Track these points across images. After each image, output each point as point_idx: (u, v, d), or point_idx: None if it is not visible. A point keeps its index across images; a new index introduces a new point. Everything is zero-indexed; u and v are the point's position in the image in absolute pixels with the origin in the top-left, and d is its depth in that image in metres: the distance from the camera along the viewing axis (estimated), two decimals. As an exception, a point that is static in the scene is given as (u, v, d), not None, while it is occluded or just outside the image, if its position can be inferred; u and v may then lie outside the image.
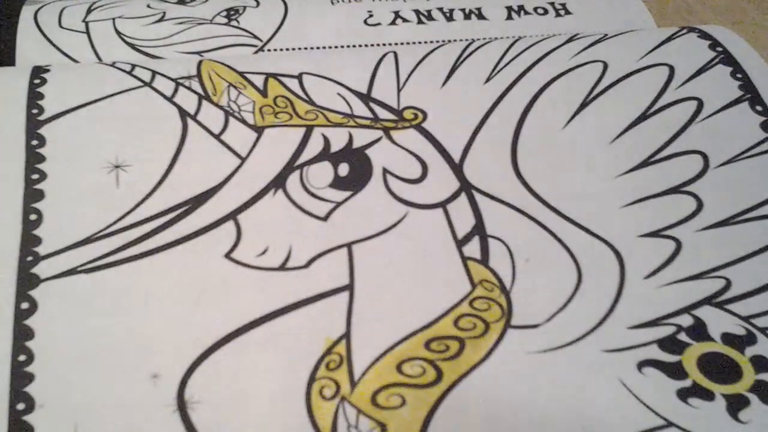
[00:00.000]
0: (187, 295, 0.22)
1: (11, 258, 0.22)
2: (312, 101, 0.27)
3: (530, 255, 0.24)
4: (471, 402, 0.21)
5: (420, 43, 0.33)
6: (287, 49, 0.33)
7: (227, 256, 0.23)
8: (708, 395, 0.21)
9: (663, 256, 0.24)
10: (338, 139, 0.26)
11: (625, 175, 0.26)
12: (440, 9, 0.35)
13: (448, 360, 0.22)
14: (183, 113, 0.26)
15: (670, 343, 0.22)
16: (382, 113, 0.27)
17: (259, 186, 0.25)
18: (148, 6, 0.34)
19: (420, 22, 0.34)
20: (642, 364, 0.22)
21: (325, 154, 0.25)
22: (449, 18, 0.34)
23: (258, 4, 0.35)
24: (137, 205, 0.24)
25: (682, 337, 0.22)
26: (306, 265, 0.23)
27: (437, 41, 0.31)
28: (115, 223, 0.23)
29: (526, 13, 0.35)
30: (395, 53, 0.29)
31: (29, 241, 0.23)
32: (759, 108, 0.27)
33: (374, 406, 0.21)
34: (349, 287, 0.23)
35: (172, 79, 0.27)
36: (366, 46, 0.33)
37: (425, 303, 0.23)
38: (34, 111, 0.25)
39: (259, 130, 0.26)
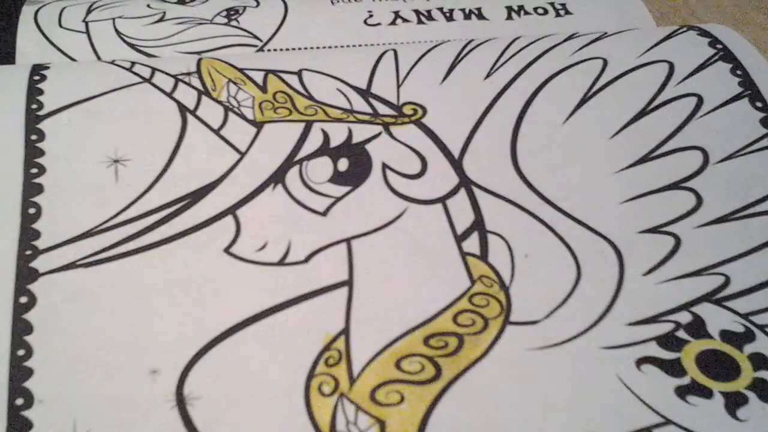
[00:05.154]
0: (186, 289, 0.22)
1: (10, 252, 0.22)
2: (311, 97, 0.27)
3: (529, 251, 0.24)
4: (470, 399, 0.21)
5: (420, 43, 0.33)
6: (287, 49, 0.33)
7: (226, 250, 0.23)
8: (706, 393, 0.21)
9: (662, 253, 0.24)
10: (338, 135, 0.26)
11: (625, 170, 0.26)
12: (440, 9, 0.35)
13: (447, 356, 0.22)
14: (182, 108, 0.26)
15: (668, 341, 0.22)
16: (382, 109, 0.27)
17: (258, 181, 0.24)
18: (148, 6, 0.34)
19: (420, 22, 0.34)
20: (640, 362, 0.22)
21: (324, 149, 0.25)
22: (449, 18, 0.35)
23: (258, 4, 0.35)
24: (136, 200, 0.24)
25: (681, 334, 0.22)
26: (305, 260, 0.23)
27: (437, 41, 0.31)
28: (114, 217, 0.23)
29: (526, 13, 0.35)
30: (395, 50, 0.29)
31: (28, 234, 0.23)
32: (759, 104, 0.27)
33: (373, 402, 0.21)
34: (348, 283, 0.23)
35: (171, 76, 0.27)
36: (366, 45, 0.33)
37: (424, 299, 0.23)
38: (34, 106, 0.25)
39: (258, 125, 0.26)
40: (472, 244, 0.24)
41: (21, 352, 0.21)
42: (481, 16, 0.35)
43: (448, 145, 0.26)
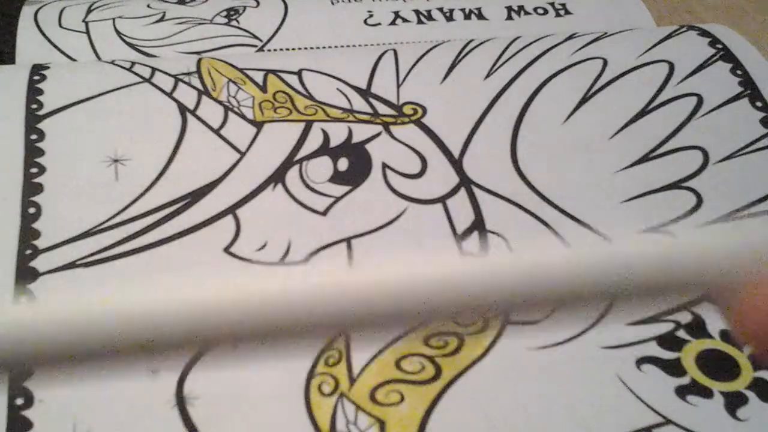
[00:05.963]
0: (186, 289, 0.22)
1: (10, 251, 0.22)
2: (311, 96, 0.27)
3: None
4: (470, 398, 0.21)
5: (420, 43, 0.33)
6: (287, 49, 0.33)
7: (226, 250, 0.23)
8: (706, 393, 0.21)
9: (662, 253, 0.24)
10: (338, 134, 0.26)
11: (625, 170, 0.26)
12: (440, 9, 0.35)
13: (447, 356, 0.22)
14: (182, 108, 0.26)
15: (668, 340, 0.22)
16: (382, 108, 0.27)
17: (258, 180, 0.24)
18: (148, 6, 0.34)
19: (420, 22, 0.34)
20: (641, 361, 0.22)
21: (324, 149, 0.25)
22: (449, 18, 0.34)
23: (258, 4, 0.35)
24: (136, 199, 0.24)
25: (681, 334, 0.22)
26: (305, 260, 0.23)
27: (437, 41, 0.31)
28: (114, 216, 0.23)
29: (526, 13, 0.35)
30: (395, 50, 0.29)
31: (28, 234, 0.23)
32: (759, 104, 0.27)
33: (373, 402, 0.21)
34: (348, 282, 0.23)
35: (171, 76, 0.27)
36: (366, 45, 0.33)
37: (424, 299, 0.23)
38: (34, 106, 0.25)
39: (258, 125, 0.26)
40: (471, 243, 0.24)
41: (21, 352, 0.21)
42: (481, 16, 0.35)
43: (448, 145, 0.26)
